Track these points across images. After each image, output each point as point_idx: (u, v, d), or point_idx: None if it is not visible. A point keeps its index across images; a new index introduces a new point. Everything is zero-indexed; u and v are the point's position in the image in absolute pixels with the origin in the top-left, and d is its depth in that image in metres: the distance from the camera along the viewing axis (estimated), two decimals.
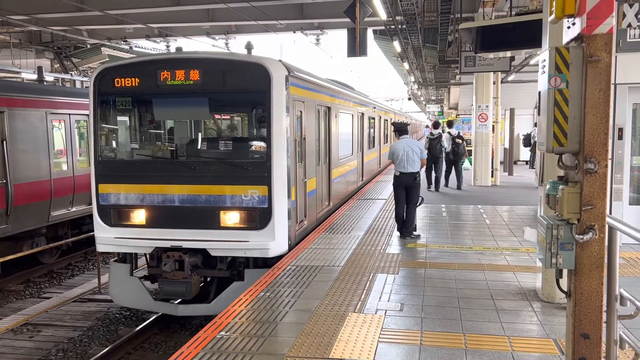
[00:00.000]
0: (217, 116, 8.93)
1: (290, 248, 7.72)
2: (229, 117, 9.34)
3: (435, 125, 15.62)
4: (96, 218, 7.82)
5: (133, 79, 7.64)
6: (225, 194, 7.40)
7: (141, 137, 8.66)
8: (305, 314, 5.30)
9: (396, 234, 8.99)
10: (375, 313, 5.34)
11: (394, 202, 9.14)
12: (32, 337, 7.93)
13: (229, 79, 7.47)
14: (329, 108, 10.69)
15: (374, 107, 18.68)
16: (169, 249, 7.45)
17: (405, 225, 8.83)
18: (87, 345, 7.56)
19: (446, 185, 15.66)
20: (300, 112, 8.41)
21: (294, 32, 18.76)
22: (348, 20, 12.38)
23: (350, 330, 4.88)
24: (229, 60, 7.76)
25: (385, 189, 14.80)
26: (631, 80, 7.73)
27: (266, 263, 7.35)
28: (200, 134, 8.92)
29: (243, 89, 7.61)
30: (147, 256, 7.84)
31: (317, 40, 19.10)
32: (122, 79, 7.66)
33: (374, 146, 18.72)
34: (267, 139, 7.38)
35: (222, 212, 7.43)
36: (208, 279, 8.25)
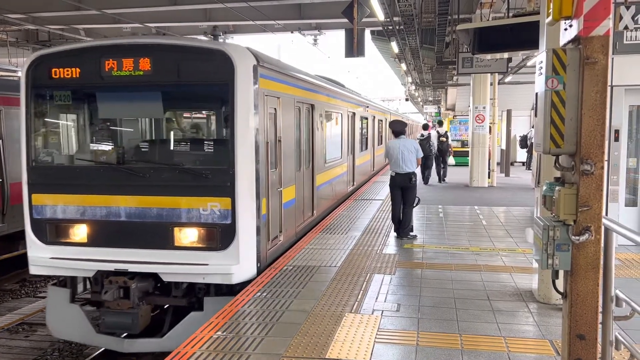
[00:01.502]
0: (172, 114, 7.46)
1: (260, 271, 6.62)
2: (186, 115, 7.83)
3: (425, 127, 18.13)
4: (29, 234, 6.65)
5: (73, 69, 6.47)
6: (181, 208, 6.27)
7: (83, 138, 7.34)
8: (302, 314, 5.30)
9: (393, 234, 9.00)
10: (372, 313, 5.34)
11: (390, 202, 9.15)
12: (28, 337, 7.92)
13: (186, 70, 6.29)
14: (312, 106, 9.53)
15: (367, 107, 17.49)
16: (113, 272, 6.33)
17: (402, 226, 8.84)
18: (82, 345, 7.54)
19: (439, 181, 17.50)
20: (275, 109, 7.28)
21: (292, 32, 18.78)
22: (346, 20, 12.40)
23: (346, 331, 4.88)
24: (185, 46, 6.45)
25: (382, 190, 14.81)
26: (628, 83, 7.77)
27: (232, 289, 6.28)
28: (151, 135, 7.58)
29: (202, 81, 6.36)
30: (90, 280, 6.67)
31: (315, 40, 19.14)
32: (60, 69, 6.49)
33: (366, 148, 17.57)
34: (231, 141, 6.24)
35: (176, 229, 6.31)
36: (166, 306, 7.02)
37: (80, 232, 6.56)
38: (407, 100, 53.21)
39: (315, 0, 15.88)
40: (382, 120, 21.89)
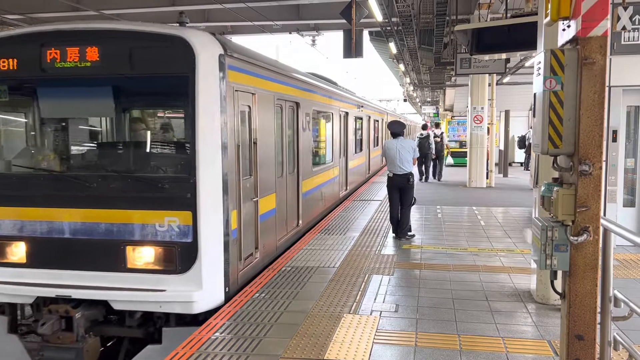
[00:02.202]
0: (124, 113, 6.37)
1: (230, 297, 5.72)
2: (139, 113, 6.62)
3: (424, 127, 19.60)
4: None
5: (10, 60, 5.56)
6: (134, 223, 5.40)
7: (21, 141, 6.40)
8: (300, 315, 5.30)
9: (391, 235, 9.00)
10: (370, 314, 5.34)
11: (388, 203, 9.15)
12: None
13: (141, 60, 5.41)
14: (296, 104, 8.62)
15: (362, 106, 16.60)
16: (54, 299, 5.38)
17: (400, 227, 8.84)
18: None
19: (434, 178, 18.56)
20: (248, 107, 6.40)
21: (290, 33, 18.78)
22: (344, 21, 12.40)
23: (345, 332, 4.88)
24: (138, 32, 5.51)
25: (380, 191, 14.81)
26: (626, 83, 7.79)
27: (196, 318, 5.40)
28: (100, 137, 6.63)
29: (159, 73, 5.46)
30: (31, 306, 5.74)
31: (313, 41, 19.13)
32: None
33: (360, 150, 16.66)
34: (191, 145, 5.35)
35: (129, 249, 5.42)
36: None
37: (16, 251, 5.64)
38: (405, 101, 53.27)
39: (314, 1, 15.88)
40: (378, 121, 21.14)
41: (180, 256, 5.36)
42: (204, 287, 5.33)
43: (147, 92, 6.11)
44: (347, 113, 13.65)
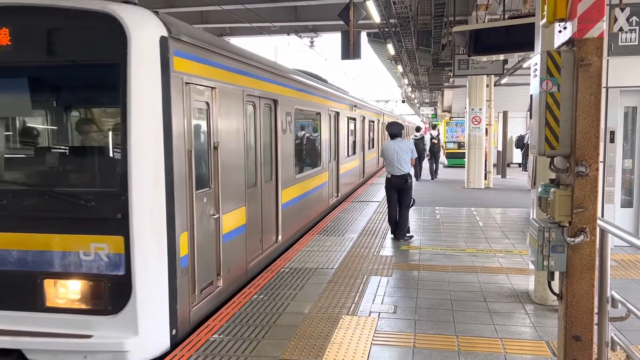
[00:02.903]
0: (40, 110, 5.17)
1: (180, 341, 4.68)
2: (60, 112, 5.17)
3: (417, 129, 20.41)
4: None
5: None
6: (52, 250, 4.33)
7: None
8: (299, 316, 5.30)
9: (390, 236, 9.00)
10: (369, 315, 5.34)
11: (386, 204, 9.16)
12: None
13: (60, 44, 4.37)
14: (274, 101, 7.59)
15: (355, 106, 15.46)
16: None
17: (399, 228, 8.85)
18: None
19: (432, 178, 19.30)
20: (207, 104, 5.37)
21: (288, 34, 18.81)
22: (342, 23, 12.42)
23: (343, 333, 4.88)
24: (59, 9, 4.30)
25: (379, 192, 14.82)
26: (623, 84, 7.81)
27: None
28: (9, 142, 5.21)
29: (83, 60, 4.39)
30: None
31: (312, 42, 19.16)
32: None
33: (354, 153, 15.55)
34: (123, 151, 4.24)
35: (47, 282, 4.36)
36: None
37: None
38: (403, 102, 53.33)
39: (312, 2, 15.92)
40: (373, 121, 20.20)
41: (110, 292, 4.29)
42: (140, 332, 4.25)
43: (69, 85, 4.97)
44: (337, 113, 12.66)
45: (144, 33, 4.29)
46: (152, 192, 4.35)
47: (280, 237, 7.89)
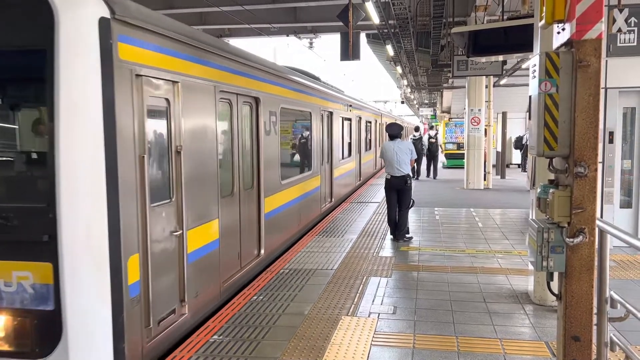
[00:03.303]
0: None
1: None
2: None
3: (416, 129, 20.70)
4: None
5: None
6: None
7: None
8: (298, 317, 5.30)
9: (389, 237, 9.01)
10: (369, 316, 5.35)
11: (385, 205, 9.17)
12: None
13: None
14: (255, 100, 6.87)
15: (350, 105, 14.74)
16: None
17: (398, 228, 8.86)
18: None
19: (427, 176, 19.98)
20: (166, 100, 4.58)
21: (288, 35, 18.82)
22: (341, 24, 12.43)
23: (343, 334, 4.89)
24: None
25: (379, 193, 14.83)
26: (622, 85, 7.83)
27: None
28: None
29: (2, 47, 3.62)
30: None
31: (311, 43, 19.18)
32: None
33: (349, 155, 14.84)
34: (50, 158, 3.47)
35: None
36: None
37: None
38: (402, 103, 53.36)
39: (311, 3, 15.92)
40: (371, 122, 19.44)
41: (36, 332, 3.56)
42: None
43: None
44: (330, 113, 11.90)
45: (78, 13, 3.51)
46: (89, 208, 3.57)
47: (262, 251, 7.09)
